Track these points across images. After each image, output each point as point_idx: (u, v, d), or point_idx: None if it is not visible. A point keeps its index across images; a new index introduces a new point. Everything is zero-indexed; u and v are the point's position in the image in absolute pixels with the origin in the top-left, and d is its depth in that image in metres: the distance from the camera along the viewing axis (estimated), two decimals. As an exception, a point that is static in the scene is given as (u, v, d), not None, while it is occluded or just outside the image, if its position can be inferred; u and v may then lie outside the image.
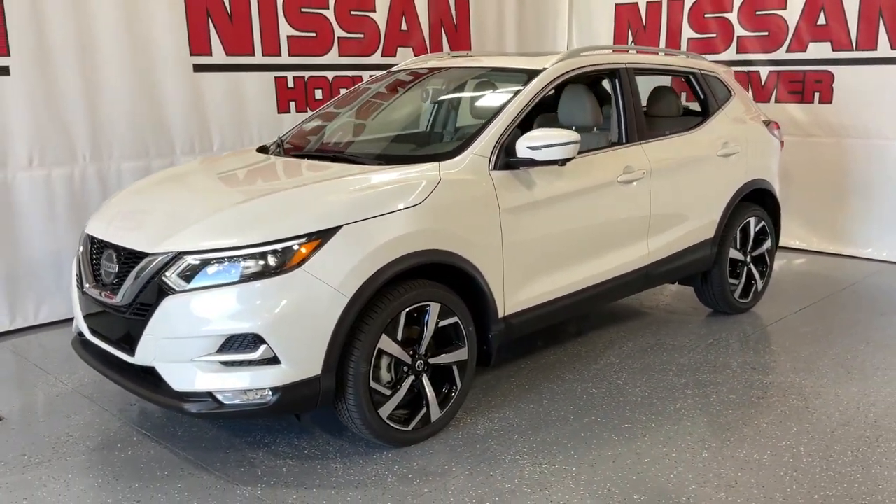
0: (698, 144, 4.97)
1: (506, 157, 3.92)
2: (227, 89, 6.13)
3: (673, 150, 4.80)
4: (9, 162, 5.18)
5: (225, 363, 3.23)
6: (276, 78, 6.39)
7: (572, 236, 4.21)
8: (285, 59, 6.42)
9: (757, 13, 7.30)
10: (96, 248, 3.69)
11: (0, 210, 5.16)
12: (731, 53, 7.52)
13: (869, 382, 4.32)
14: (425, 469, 3.46)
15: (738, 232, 5.28)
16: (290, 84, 6.45)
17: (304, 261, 3.24)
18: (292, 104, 6.48)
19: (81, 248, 3.82)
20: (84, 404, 4.15)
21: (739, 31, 7.44)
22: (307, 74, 6.54)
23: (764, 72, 7.35)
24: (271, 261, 3.23)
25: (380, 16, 6.99)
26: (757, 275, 5.47)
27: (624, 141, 4.60)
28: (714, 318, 5.40)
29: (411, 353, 3.60)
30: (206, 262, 3.24)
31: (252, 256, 3.22)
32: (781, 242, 7.29)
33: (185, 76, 5.89)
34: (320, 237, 3.28)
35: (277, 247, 3.24)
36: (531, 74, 4.32)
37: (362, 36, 6.88)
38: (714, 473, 3.39)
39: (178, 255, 3.27)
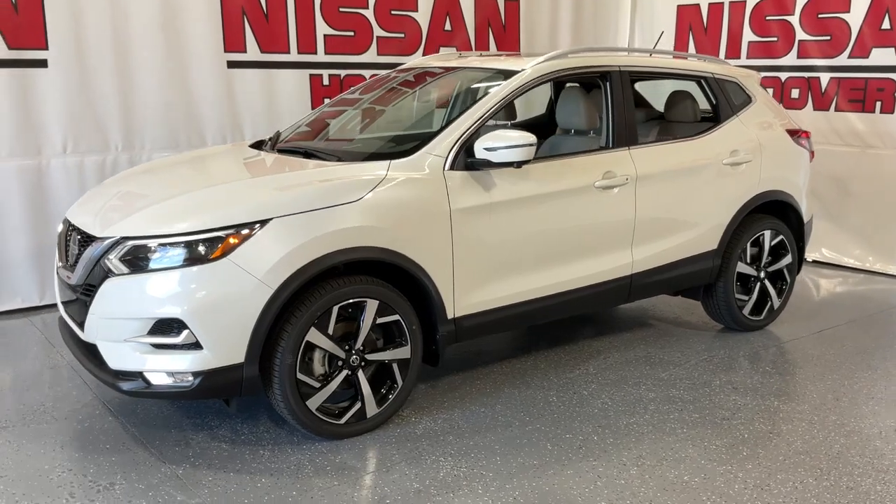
0: (700, 151, 4.77)
1: (466, 158, 3.90)
2: (261, 85, 6.34)
3: (667, 157, 4.63)
4: (44, 149, 5.55)
5: (155, 345, 3.38)
6: (311, 75, 6.56)
7: (537, 240, 4.13)
8: (321, 57, 6.57)
9: (819, 16, 6.90)
10: (69, 230, 3.92)
11: (34, 193, 5.54)
12: (791, 58, 7.15)
13: (854, 412, 4.04)
14: (345, 463, 3.50)
15: (749, 245, 5.02)
16: (326, 82, 6.61)
17: (230, 251, 3.34)
18: (326, 101, 6.62)
19: (60, 228, 4.07)
20: (68, 377, 4.41)
21: (801, 34, 7.06)
22: (343, 73, 6.68)
23: (824, 78, 6.95)
24: (200, 250, 3.35)
25: (422, 16, 7.04)
26: (773, 292, 5.19)
27: (611, 146, 4.47)
28: (723, 334, 5.17)
29: (347, 347, 3.63)
30: (142, 248, 3.40)
31: (182, 245, 3.36)
32: (834, 260, 6.92)
33: (219, 72, 6.14)
34: (249, 229, 3.38)
35: (206, 236, 3.35)
36: (507, 76, 4.28)
37: (403, 35, 6.96)
38: (632, 492, 3.27)
39: (121, 240, 3.44)
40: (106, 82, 5.70)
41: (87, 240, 3.63)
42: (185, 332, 3.32)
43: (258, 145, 4.70)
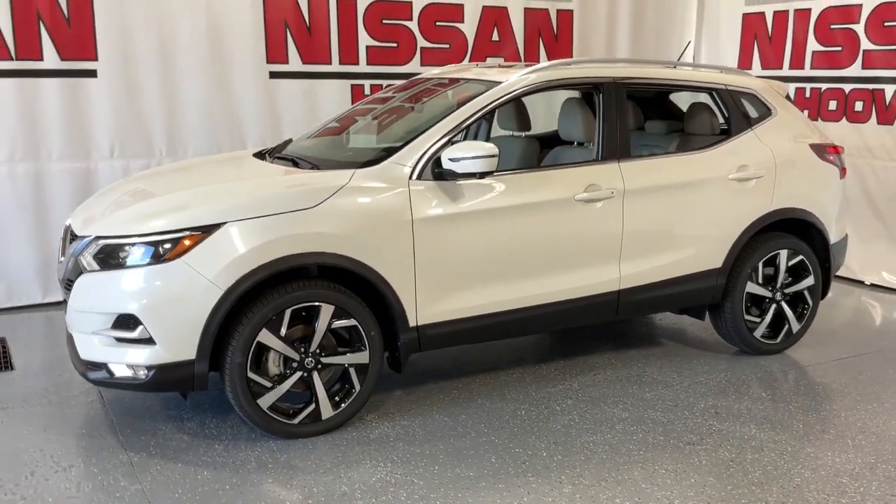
0: (701, 166, 4.61)
1: (435, 168, 3.95)
2: (302, 95, 6.57)
3: (662, 171, 4.51)
4: (92, 153, 5.97)
5: (117, 339, 3.61)
6: (352, 86, 6.74)
7: (510, 252, 4.12)
8: (363, 67, 6.75)
9: (885, 24, 6.50)
10: (67, 229, 4.23)
11: (82, 194, 5.93)
12: (856, 69, 6.76)
13: (835, 445, 3.81)
14: (288, 462, 3.61)
15: (762, 265, 4.80)
16: (367, 91, 6.77)
17: (185, 252, 3.53)
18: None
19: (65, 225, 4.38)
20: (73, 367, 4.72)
21: (866, 44, 6.66)
22: (385, 83, 6.82)
23: (889, 90, 6.53)
24: (158, 250, 3.55)
25: (468, 26, 7.10)
26: (791, 314, 4.93)
27: (600, 158, 4.40)
28: (735, 357, 4.96)
29: (303, 350, 3.75)
30: (112, 247, 3.64)
31: (143, 245, 3.57)
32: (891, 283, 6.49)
33: (261, 82, 6.41)
34: (203, 232, 3.55)
35: (163, 238, 3.56)
36: (488, 86, 4.29)
37: (448, 46, 7.05)
38: (554, 510, 3.23)
39: (95, 239, 3.69)
40: (152, 91, 6.06)
41: (73, 238, 3.91)
42: (140, 327, 3.53)
43: (268, 153, 4.88)
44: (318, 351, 3.79)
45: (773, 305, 4.90)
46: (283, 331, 3.70)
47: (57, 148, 5.86)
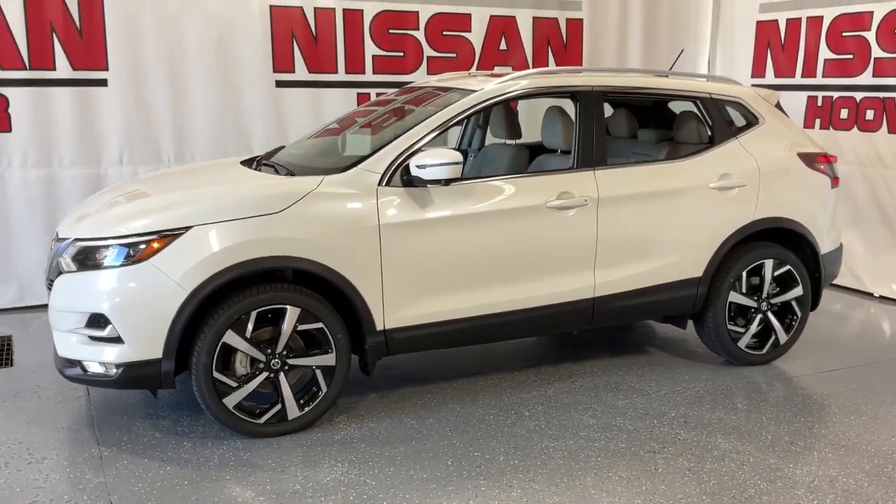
0: (680, 174, 4.60)
1: (403, 175, 4.02)
2: (308, 103, 6.70)
3: (639, 179, 4.51)
4: (102, 159, 6.19)
5: (91, 337, 3.75)
6: (358, 94, 6.85)
7: (479, 258, 4.16)
8: (369, 76, 6.86)
9: (896, 31, 6.39)
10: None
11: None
12: (867, 77, 6.65)
13: (800, 458, 3.77)
14: (249, 460, 3.71)
15: (746, 274, 4.76)
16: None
17: (153, 255, 3.66)
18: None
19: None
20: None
21: (877, 51, 6.55)
22: (391, 91, 6.91)
23: (900, 99, 6.41)
24: (129, 252, 3.69)
25: (475, 35, 7.17)
26: (777, 325, 4.88)
27: (575, 166, 4.42)
28: (721, 367, 4.92)
29: (269, 351, 3.85)
30: (88, 249, 3.79)
31: (115, 247, 3.72)
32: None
33: (268, 91, 6.56)
34: (170, 235, 3.68)
35: (133, 240, 3.70)
36: (463, 95, 4.35)
37: (455, 55, 7.12)
38: (497, 513, 3.27)
39: (74, 241, 3.85)
40: (160, 99, 6.26)
41: (59, 240, 4.08)
42: (110, 326, 3.67)
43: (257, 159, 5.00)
44: (284, 352, 3.87)
45: (759, 316, 4.84)
46: (249, 332, 3.79)
47: (68, 154, 6.08)
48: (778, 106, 5.08)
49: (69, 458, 3.73)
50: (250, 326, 3.80)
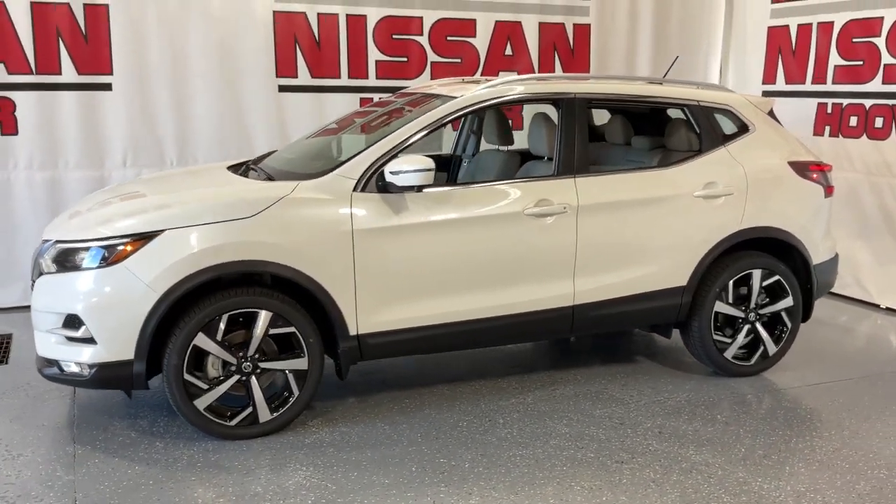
0: (664, 182, 4.55)
1: (378, 181, 4.04)
2: (311, 108, 6.76)
3: (620, 187, 4.48)
4: (106, 162, 6.30)
5: (67, 338, 3.83)
6: (361, 99, 6.89)
7: (455, 264, 4.16)
8: (372, 81, 6.89)
9: (905, 37, 6.26)
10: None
11: (96, 200, 6.30)
12: (876, 84, 6.52)
13: (771, 472, 3.71)
14: (217, 462, 3.76)
15: (732, 284, 4.70)
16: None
17: (126, 258, 3.73)
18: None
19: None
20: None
21: (887, 58, 6.42)
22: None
23: (909, 106, 6.28)
24: (104, 255, 3.76)
25: (480, 41, 7.17)
26: (766, 336, 4.81)
27: (556, 173, 4.41)
28: (708, 378, 4.85)
29: (241, 354, 3.90)
30: (66, 251, 3.87)
31: (90, 250, 3.79)
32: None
33: (270, 95, 6.63)
34: (143, 238, 3.74)
35: (107, 243, 3.77)
36: (443, 101, 4.36)
37: (459, 60, 7.13)
38: (450, 521, 3.27)
39: (54, 243, 3.93)
40: (164, 103, 6.36)
41: (43, 241, 4.17)
42: (83, 327, 3.74)
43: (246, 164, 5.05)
44: (256, 356, 3.91)
45: (746, 326, 4.77)
46: (220, 335, 3.83)
47: (73, 157, 6.20)
48: (771, 114, 5.01)
49: (44, 456, 3.80)
50: (221, 329, 3.83)
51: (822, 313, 6.06)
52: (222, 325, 3.84)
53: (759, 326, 4.80)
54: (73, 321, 3.77)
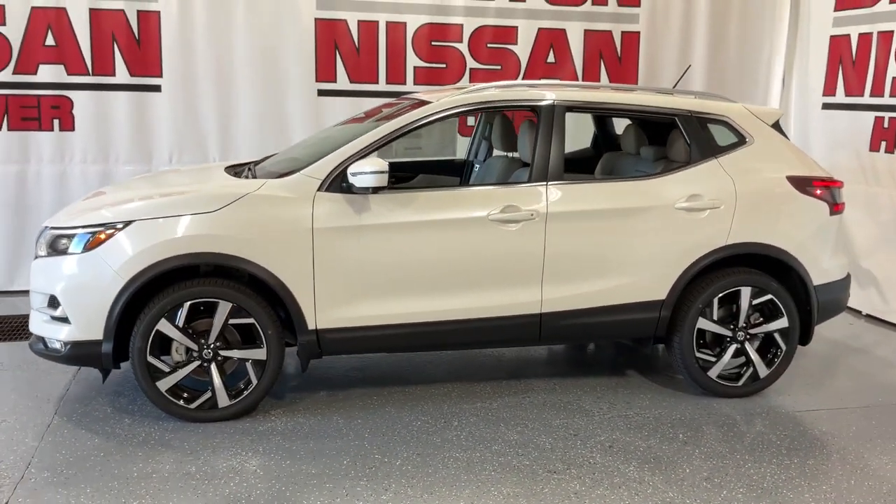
0: (643, 193, 4.46)
1: (342, 182, 4.18)
2: (349, 111, 6.92)
3: (594, 196, 4.42)
4: (153, 158, 6.74)
5: (51, 317, 4.17)
6: (395, 104, 7.03)
7: (415, 266, 4.23)
8: (409, 87, 7.04)
9: (962, 48, 5.84)
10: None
11: (143, 194, 6.75)
12: (932, 96, 6.11)
13: (704, 495, 3.59)
14: (168, 441, 3.99)
15: (718, 301, 4.55)
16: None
17: (99, 245, 4.03)
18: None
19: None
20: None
21: (942, 69, 6.01)
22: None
23: (964, 121, 5.85)
24: (81, 242, 4.07)
25: (521, 48, 7.19)
26: (756, 357, 4.62)
27: (528, 180, 4.41)
28: (693, 397, 4.70)
29: (203, 341, 4.12)
30: (55, 237, 4.21)
31: (72, 237, 4.11)
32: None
33: (310, 99, 6.90)
34: (115, 228, 4.03)
35: (85, 231, 4.08)
36: (416, 106, 4.45)
37: (499, 67, 7.18)
38: (352, 513, 3.36)
39: (48, 229, 4.30)
40: (208, 105, 6.74)
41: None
42: (60, 307, 4.06)
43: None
44: (216, 344, 4.12)
45: (734, 345, 4.60)
46: (181, 322, 4.06)
47: (124, 153, 6.67)
48: (776, 125, 4.80)
49: (23, 423, 4.14)
50: (182, 317, 4.06)
51: (845, 334, 5.77)
52: (184, 313, 4.06)
53: (748, 347, 4.61)
54: (53, 301, 4.10)
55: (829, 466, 3.87)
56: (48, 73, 6.45)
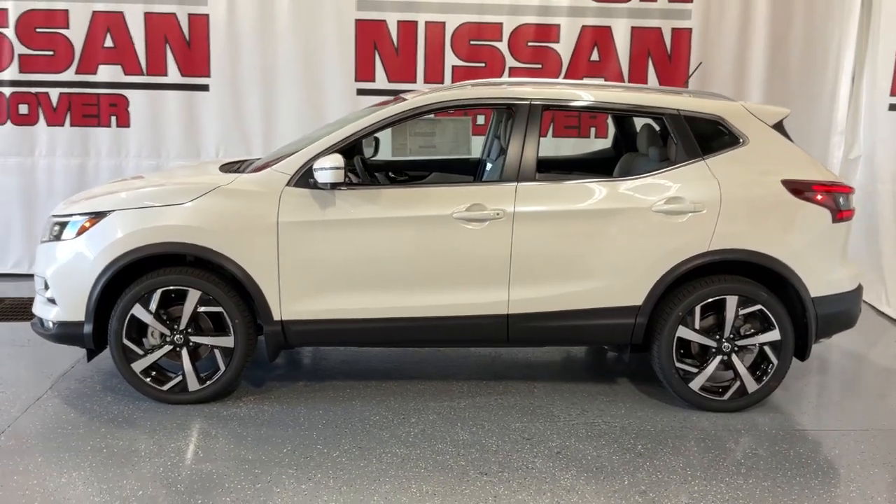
0: (618, 195, 4.31)
1: (310, 178, 4.29)
2: (388, 111, 7.09)
3: (565, 197, 4.32)
4: (201, 154, 7.10)
5: (47, 298, 4.50)
6: (435, 103, 7.08)
7: (379, 262, 4.27)
8: (447, 84, 7.08)
9: None
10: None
11: (191, 188, 7.12)
12: None
13: (629, 507, 3.46)
14: (136, 420, 4.21)
15: (700, 309, 4.35)
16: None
17: (83, 233, 4.32)
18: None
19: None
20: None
21: None
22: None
23: None
24: (71, 230, 4.38)
25: (564, 47, 7.09)
26: (743, 370, 4.38)
27: (497, 179, 4.38)
28: (675, 409, 4.48)
29: (175, 327, 4.34)
30: (55, 224, 4.54)
31: (64, 225, 4.42)
32: None
33: (349, 98, 7.07)
34: (97, 217, 4.31)
35: (74, 220, 4.37)
36: (392, 103, 4.49)
37: (540, 66, 7.12)
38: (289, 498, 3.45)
39: (50, 217, 4.64)
40: (253, 104, 7.04)
41: (54, 216, 4.89)
42: (50, 290, 4.38)
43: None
44: (187, 330, 4.32)
45: (719, 357, 4.38)
46: (154, 308, 4.28)
47: (174, 148, 7.06)
48: (778, 126, 4.51)
49: (16, 395, 4.49)
50: (154, 303, 4.28)
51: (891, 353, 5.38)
52: (156, 299, 4.27)
53: (735, 359, 4.37)
54: (46, 284, 4.41)
55: (781, 492, 3.61)
56: (107, 73, 6.91)
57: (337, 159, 4.11)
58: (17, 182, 7.01)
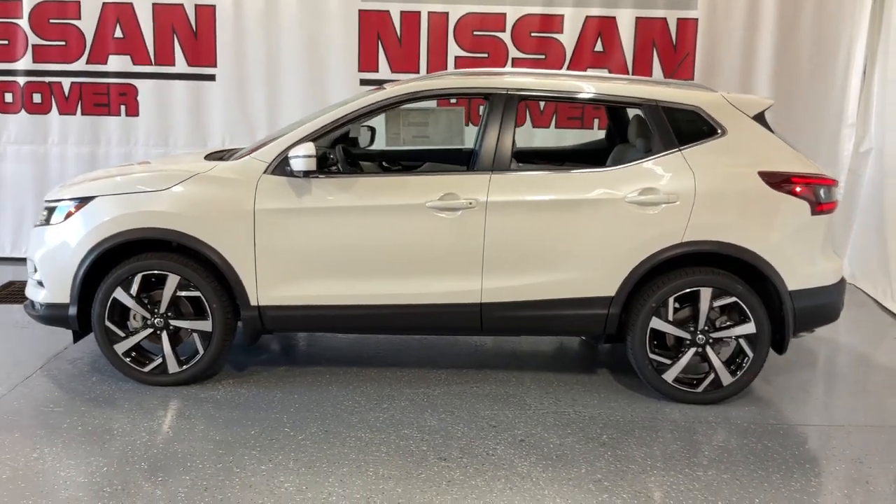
0: (590, 185, 4.31)
1: (286, 166, 4.36)
2: (390, 101, 7.14)
3: (539, 187, 4.32)
4: (208, 143, 7.23)
5: (36, 281, 4.65)
6: (438, 93, 7.12)
7: (352, 250, 4.32)
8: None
9: None
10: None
11: (198, 176, 7.25)
12: None
13: (580, 497, 3.47)
14: (117, 401, 4.33)
15: (674, 300, 4.34)
16: (453, 99, 7.12)
17: (70, 217, 4.45)
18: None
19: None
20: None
21: None
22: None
23: None
24: (62, 213, 4.51)
25: (567, 37, 7.07)
26: (718, 363, 4.36)
27: (471, 168, 4.41)
28: (655, 402, 4.47)
29: (157, 310, 4.46)
30: (47, 209, 4.69)
31: (53, 210, 4.56)
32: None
33: (352, 88, 7.10)
34: (82, 202, 4.44)
35: (62, 204, 4.51)
36: (372, 92, 4.54)
37: (543, 56, 7.11)
38: (247, 479, 3.53)
39: (44, 202, 4.79)
40: (258, 93, 7.15)
41: (50, 201, 5.04)
42: (38, 273, 4.52)
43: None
44: (167, 313, 4.43)
45: (692, 349, 4.36)
46: (134, 291, 4.40)
47: (182, 137, 7.20)
48: (759, 117, 4.46)
49: (8, 374, 4.64)
50: (135, 287, 4.39)
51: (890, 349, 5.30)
52: (137, 283, 4.39)
53: (709, 351, 4.35)
54: (35, 267, 4.56)
55: (738, 485, 3.59)
56: (116, 62, 7.07)
57: (309, 148, 4.18)
58: (30, 169, 7.21)
